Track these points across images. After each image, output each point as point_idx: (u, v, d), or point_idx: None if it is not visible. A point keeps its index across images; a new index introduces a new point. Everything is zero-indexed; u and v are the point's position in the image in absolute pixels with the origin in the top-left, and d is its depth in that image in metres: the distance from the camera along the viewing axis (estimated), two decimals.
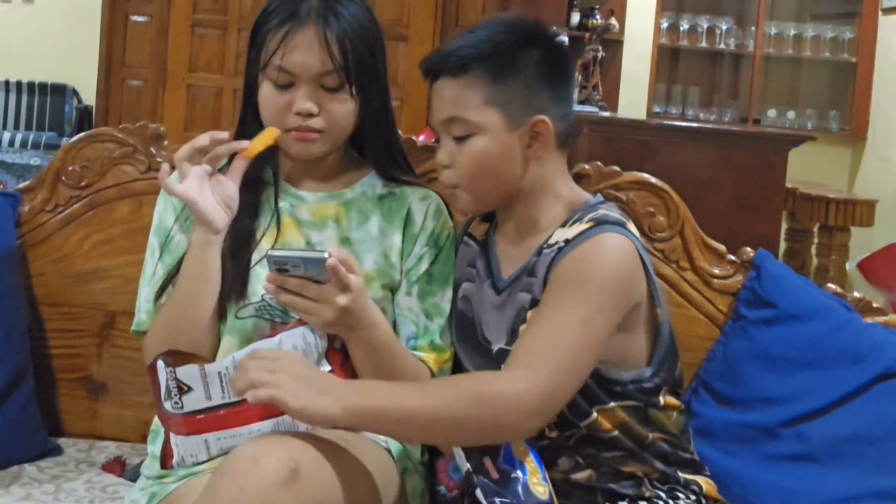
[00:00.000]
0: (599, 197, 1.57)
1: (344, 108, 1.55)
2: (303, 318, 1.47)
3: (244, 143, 1.51)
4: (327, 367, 1.47)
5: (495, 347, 1.53)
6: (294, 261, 1.42)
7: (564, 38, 1.58)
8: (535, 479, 1.41)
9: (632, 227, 1.49)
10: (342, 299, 1.42)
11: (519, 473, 1.40)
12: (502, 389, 1.35)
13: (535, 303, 1.47)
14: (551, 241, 1.49)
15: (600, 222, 1.46)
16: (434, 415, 1.33)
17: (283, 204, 1.61)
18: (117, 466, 1.80)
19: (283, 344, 1.47)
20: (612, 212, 1.50)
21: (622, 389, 1.47)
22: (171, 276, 1.58)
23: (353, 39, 1.53)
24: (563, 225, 1.49)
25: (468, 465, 1.40)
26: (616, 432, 1.47)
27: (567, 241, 1.45)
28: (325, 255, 1.40)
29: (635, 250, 1.46)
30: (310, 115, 1.53)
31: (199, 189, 1.48)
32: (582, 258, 1.43)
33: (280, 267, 1.42)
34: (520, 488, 1.39)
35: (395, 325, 1.60)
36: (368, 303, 1.48)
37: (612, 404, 1.47)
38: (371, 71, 1.56)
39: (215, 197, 1.50)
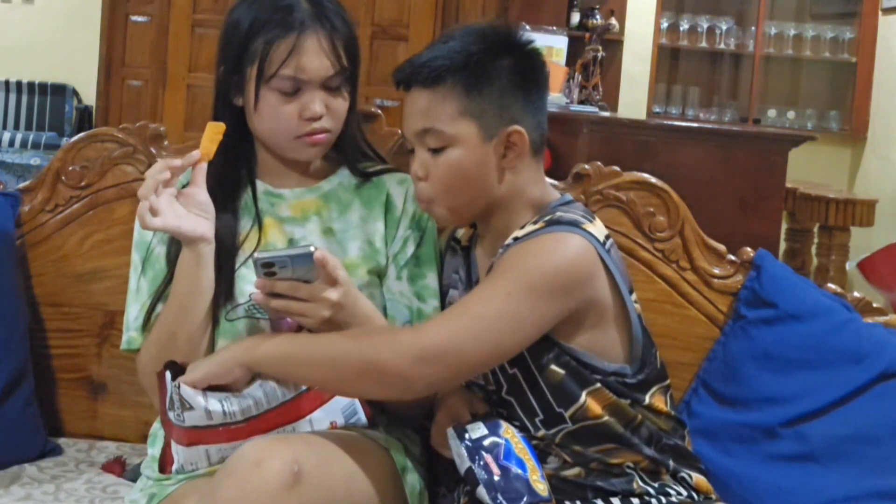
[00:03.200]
0: (567, 197, 1.56)
1: (345, 106, 1.59)
2: (298, 321, 1.47)
3: (196, 154, 1.49)
4: None
5: None
6: (281, 260, 1.42)
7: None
8: (534, 476, 1.41)
9: (592, 227, 1.47)
10: (333, 294, 1.43)
11: (520, 471, 1.40)
12: (391, 333, 1.40)
13: None
14: (507, 242, 1.49)
15: (552, 223, 1.45)
16: (320, 351, 1.39)
17: (262, 204, 1.62)
18: (117, 466, 1.80)
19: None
20: (569, 213, 1.48)
21: (603, 378, 1.47)
22: (159, 293, 1.57)
23: (352, 41, 1.57)
24: (523, 227, 1.49)
25: (470, 463, 1.40)
26: (605, 416, 1.46)
27: (515, 239, 1.46)
28: (311, 248, 1.40)
29: (589, 249, 1.44)
30: (320, 116, 1.54)
31: (175, 214, 1.46)
32: (521, 249, 1.43)
33: (267, 270, 1.42)
34: (522, 485, 1.39)
35: (385, 311, 1.60)
36: (359, 297, 1.49)
37: (600, 385, 1.47)
38: (358, 66, 1.60)
39: (191, 211, 1.48)
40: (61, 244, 1.92)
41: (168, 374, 1.46)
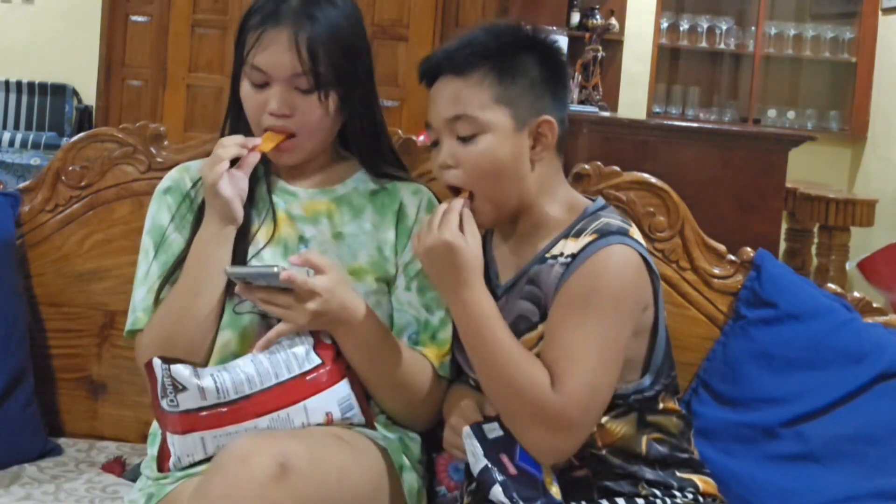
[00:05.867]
0: (600, 201, 1.56)
1: (315, 112, 1.55)
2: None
3: (258, 140, 1.55)
4: (318, 361, 1.48)
5: None
6: (252, 276, 1.46)
7: (561, 43, 1.57)
8: (548, 478, 1.42)
9: (634, 231, 1.50)
10: (311, 305, 1.44)
11: (535, 472, 1.41)
12: (548, 404, 1.39)
13: (544, 315, 1.48)
14: (554, 250, 1.48)
15: (604, 233, 1.46)
16: (497, 375, 1.41)
17: (276, 199, 1.62)
18: (117, 466, 1.80)
19: (260, 354, 1.49)
20: (613, 219, 1.50)
21: (623, 402, 1.48)
22: (168, 276, 1.58)
23: (327, 44, 1.53)
24: (567, 235, 1.49)
25: (486, 462, 1.41)
26: (604, 451, 1.48)
27: (574, 256, 1.45)
28: (276, 269, 1.43)
29: (639, 258, 1.46)
30: (283, 115, 1.54)
31: (234, 187, 1.52)
32: (587, 276, 1.43)
33: (241, 281, 1.46)
34: (537, 487, 1.40)
35: (392, 320, 1.61)
36: (347, 300, 1.48)
37: (604, 420, 1.47)
38: (349, 75, 1.56)
39: (235, 191, 1.53)
40: (61, 244, 1.92)
41: (157, 360, 1.47)
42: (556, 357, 1.41)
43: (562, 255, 1.47)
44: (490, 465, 1.40)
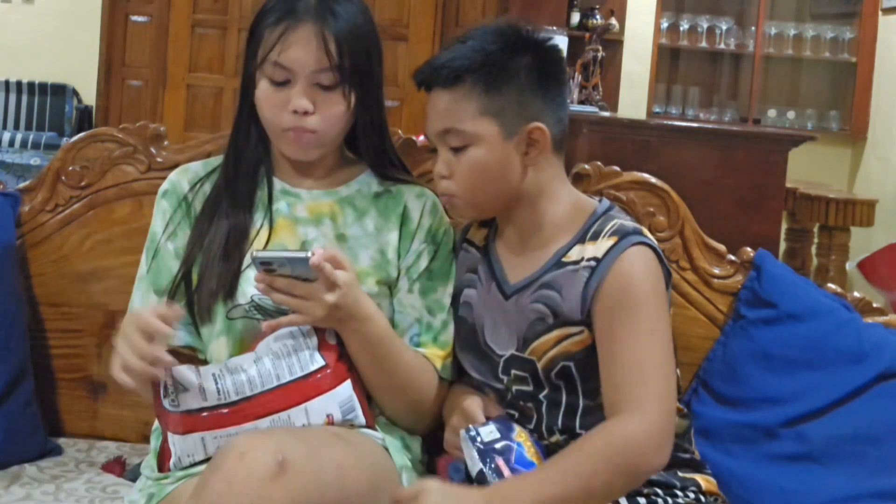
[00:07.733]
0: (605, 202, 1.57)
1: (338, 108, 1.56)
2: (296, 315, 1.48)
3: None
4: (321, 363, 1.48)
5: (505, 353, 1.53)
6: (279, 261, 1.44)
7: (556, 40, 1.57)
8: None
9: (645, 230, 1.52)
10: (331, 297, 1.44)
11: None
12: (628, 443, 1.37)
13: (558, 319, 1.48)
14: (572, 255, 1.49)
15: (622, 234, 1.47)
16: (584, 490, 1.35)
17: (278, 204, 1.62)
18: (117, 466, 1.80)
19: (262, 350, 1.48)
20: (624, 219, 1.51)
21: None
22: (163, 294, 1.58)
23: (350, 39, 1.54)
24: (583, 239, 1.49)
25: (481, 465, 1.40)
26: None
27: (597, 260, 1.46)
28: (309, 254, 1.42)
29: (656, 256, 1.48)
30: (305, 113, 1.53)
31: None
32: (621, 282, 1.44)
33: (266, 268, 1.44)
34: None
35: (393, 323, 1.60)
36: (361, 297, 1.49)
37: None
38: (366, 71, 1.57)
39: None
40: (61, 244, 1.92)
41: None
42: (628, 378, 1.41)
43: (583, 259, 1.47)
44: (485, 469, 1.40)
